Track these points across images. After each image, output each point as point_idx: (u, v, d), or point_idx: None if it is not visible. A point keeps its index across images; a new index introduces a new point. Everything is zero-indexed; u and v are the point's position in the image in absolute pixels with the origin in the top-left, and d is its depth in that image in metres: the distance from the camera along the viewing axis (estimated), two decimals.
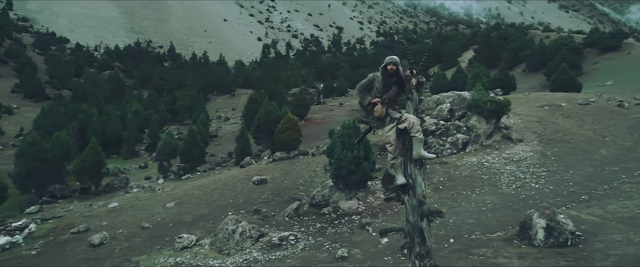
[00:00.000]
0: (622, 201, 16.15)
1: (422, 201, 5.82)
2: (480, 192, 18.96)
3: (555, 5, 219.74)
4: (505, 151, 23.30)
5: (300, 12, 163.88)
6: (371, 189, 20.52)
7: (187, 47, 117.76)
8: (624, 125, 26.72)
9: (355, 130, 17.94)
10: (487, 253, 12.67)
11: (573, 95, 37.60)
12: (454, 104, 24.81)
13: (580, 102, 32.33)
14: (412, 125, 5.74)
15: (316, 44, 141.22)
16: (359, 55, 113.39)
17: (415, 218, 5.72)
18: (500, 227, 15.11)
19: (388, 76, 6.01)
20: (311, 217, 18.85)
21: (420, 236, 5.64)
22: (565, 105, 32.05)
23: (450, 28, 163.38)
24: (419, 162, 5.95)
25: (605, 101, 33.02)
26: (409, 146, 5.91)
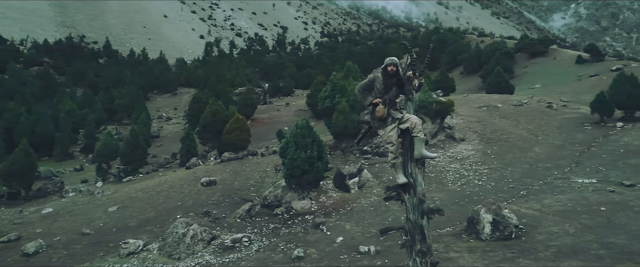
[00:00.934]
0: (556, 195, 17.39)
1: (422, 200, 5.91)
2: (428, 189, 19.60)
3: (488, 12, 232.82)
4: (449, 150, 24.32)
5: (244, 11, 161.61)
6: (323, 188, 20.62)
7: (124, 43, 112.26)
8: (553, 125, 28.79)
9: (308, 131, 17.96)
10: (439, 248, 13.14)
11: (508, 97, 39.99)
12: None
13: (515, 104, 34.46)
14: (414, 126, 5.81)
15: (260, 43, 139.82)
16: (304, 55, 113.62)
17: (416, 216, 5.80)
18: (449, 223, 15.74)
19: (389, 77, 6.05)
20: (264, 218, 18.63)
21: (420, 233, 5.72)
22: (502, 107, 34.01)
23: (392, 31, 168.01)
24: (421, 161, 6.02)
25: (536, 103, 35.41)
26: (409, 146, 5.98)
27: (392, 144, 5.95)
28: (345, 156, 25.66)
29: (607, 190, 17.08)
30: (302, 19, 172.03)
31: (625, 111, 28.21)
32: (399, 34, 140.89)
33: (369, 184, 20.41)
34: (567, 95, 42.92)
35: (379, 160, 24.07)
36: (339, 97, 25.27)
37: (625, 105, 27.76)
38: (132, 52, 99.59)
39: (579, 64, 56.05)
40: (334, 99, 25.62)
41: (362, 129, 19.05)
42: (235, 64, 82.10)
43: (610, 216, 14.08)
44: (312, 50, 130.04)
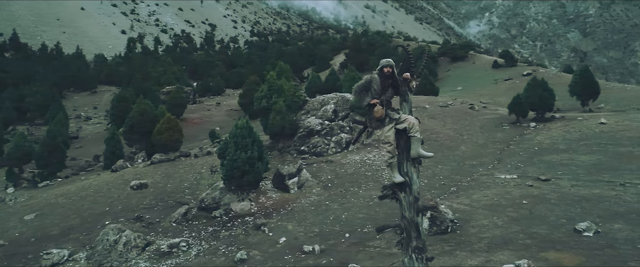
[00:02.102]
0: (483, 191, 18.60)
1: (417, 197, 6.00)
2: (366, 188, 20.15)
3: (412, 17, 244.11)
4: (383, 149, 25.10)
5: (170, 6, 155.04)
6: (262, 189, 20.39)
7: (35, 36, 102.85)
8: (476, 125, 30.79)
9: (248, 131, 17.64)
10: (382, 244, 13.55)
11: (434, 98, 42.13)
12: (337, 105, 25.94)
13: (441, 105, 36.39)
14: (412, 126, 5.91)
15: (187, 41, 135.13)
16: (234, 54, 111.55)
17: (412, 214, 5.88)
18: (388, 219, 16.18)
19: (385, 78, 6.11)
20: (201, 221, 18.04)
21: (416, 230, 5.81)
22: (429, 108, 35.75)
23: (321, 32, 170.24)
24: (418, 160, 6.12)
25: (459, 104, 37.66)
26: (404, 146, 6.04)
27: (390, 144, 6.03)
28: (282, 156, 25.56)
29: (526, 185, 18.57)
30: (231, 17, 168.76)
31: (537, 112, 30.88)
32: (329, 35, 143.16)
33: (309, 184, 20.51)
34: (485, 97, 46.13)
35: (317, 160, 24.29)
36: (276, 97, 25.13)
37: (537, 107, 30.39)
38: (44, 46, 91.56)
39: (495, 69, 60.50)
40: (270, 99, 25.43)
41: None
42: (161, 62, 78.58)
43: (531, 208, 15.34)
44: (241, 49, 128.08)
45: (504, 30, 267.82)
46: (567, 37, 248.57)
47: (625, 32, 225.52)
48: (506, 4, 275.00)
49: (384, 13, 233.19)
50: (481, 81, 56.96)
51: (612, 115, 31.23)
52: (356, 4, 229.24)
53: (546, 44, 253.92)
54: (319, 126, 25.02)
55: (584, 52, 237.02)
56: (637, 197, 15.22)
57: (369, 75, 6.32)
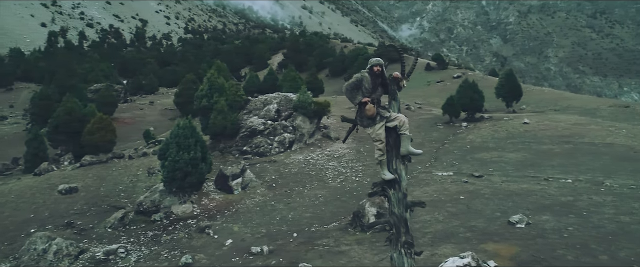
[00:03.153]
0: (422, 188, 19.37)
1: (406, 194, 6.02)
2: (311, 187, 20.25)
3: (348, 19, 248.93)
4: (326, 149, 25.39)
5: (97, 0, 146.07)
6: (204, 190, 19.81)
7: None
8: (413, 125, 31.96)
9: (191, 131, 17.05)
10: (330, 242, 13.67)
11: None
12: (280, 105, 25.82)
13: None
14: (402, 124, 5.92)
15: (116, 36, 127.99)
16: (167, 51, 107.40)
17: (401, 210, 5.89)
18: (334, 218, 16.45)
19: (375, 77, 6.08)
20: (140, 226, 17.17)
21: (405, 226, 5.83)
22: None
23: (258, 31, 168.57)
24: (407, 158, 6.15)
25: None
26: (394, 143, 6.05)
27: (381, 142, 6.04)
28: (224, 157, 25.00)
29: (462, 181, 19.60)
30: (164, 13, 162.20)
31: (468, 113, 32.73)
32: (266, 35, 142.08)
33: (253, 185, 20.24)
34: (419, 99, 48.12)
35: (260, 160, 24.03)
36: (217, 96, 24.50)
37: (468, 108, 32.22)
38: None
39: (428, 71, 63.25)
40: (211, 98, 24.75)
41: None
42: (88, 58, 73.82)
43: (468, 203, 16.21)
44: (175, 46, 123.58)
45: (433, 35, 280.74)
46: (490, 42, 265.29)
47: (539, 40, 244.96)
48: (436, 10, 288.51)
49: (320, 14, 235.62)
50: (415, 83, 59.25)
51: (533, 115, 33.84)
52: (293, 4, 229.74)
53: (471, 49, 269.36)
54: (262, 126, 24.76)
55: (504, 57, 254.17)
56: (559, 190, 16.59)
57: (359, 73, 6.34)
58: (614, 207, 13.99)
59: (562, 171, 19.49)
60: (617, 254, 10.42)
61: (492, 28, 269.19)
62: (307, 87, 46.42)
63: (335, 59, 72.13)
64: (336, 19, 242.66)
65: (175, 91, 49.17)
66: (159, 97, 60.47)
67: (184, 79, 46.34)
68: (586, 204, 14.64)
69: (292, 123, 25.21)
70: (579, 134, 25.82)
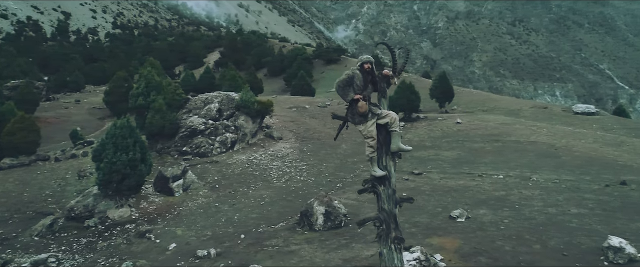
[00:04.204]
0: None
1: (394, 190, 5.97)
2: (256, 187, 19.98)
3: (285, 19, 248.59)
4: (269, 149, 25.17)
5: None
6: (143, 193, 18.88)
7: None
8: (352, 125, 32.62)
9: (130, 130, 16.15)
10: (279, 243, 13.56)
11: (312, 99, 43.52)
12: (222, 104, 25.22)
13: (320, 105, 37.78)
14: (393, 121, 5.87)
15: (35, 29, 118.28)
16: (93, 47, 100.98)
17: (391, 206, 5.83)
18: (281, 218, 16.33)
19: (365, 74, 6.01)
20: (72, 233, 16.01)
21: (394, 222, 5.78)
22: (309, 108, 36.86)
23: (193, 28, 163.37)
24: (397, 154, 6.10)
25: (337, 105, 39.47)
26: (383, 140, 5.98)
27: (373, 139, 6.00)
28: (162, 158, 23.98)
29: (403, 179, 20.26)
30: (89, 6, 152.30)
31: (406, 113, 33.93)
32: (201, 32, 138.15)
33: (195, 186, 19.60)
34: None
35: (201, 160, 23.32)
36: (154, 94, 23.41)
37: (406, 108, 33.39)
38: None
39: None
40: (148, 97, 23.61)
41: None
42: (3, 52, 67.64)
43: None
44: (102, 42, 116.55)
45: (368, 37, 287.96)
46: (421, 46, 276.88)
47: (465, 44, 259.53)
48: (370, 13, 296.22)
49: (257, 13, 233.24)
50: None
51: (465, 115, 35.79)
52: (229, 2, 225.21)
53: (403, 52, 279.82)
54: (203, 126, 24.04)
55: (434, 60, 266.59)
56: (493, 186, 17.69)
57: (350, 70, 6.31)
58: (542, 200, 15.16)
59: (493, 167, 20.80)
60: (548, 243, 11.28)
61: (422, 32, 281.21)
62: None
63: (274, 59, 71.80)
64: (273, 18, 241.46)
65: (105, 89, 46.38)
66: (86, 96, 56.70)
67: (114, 76, 43.80)
68: (517, 197, 15.72)
69: (234, 123, 24.71)
70: (506, 133, 27.67)
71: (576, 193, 15.74)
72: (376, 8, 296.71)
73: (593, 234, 11.59)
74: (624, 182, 16.40)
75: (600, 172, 18.44)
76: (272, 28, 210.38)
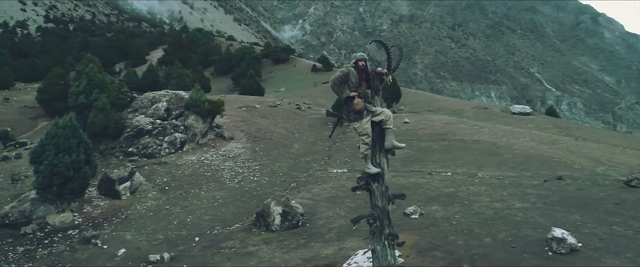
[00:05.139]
0: (320, 185, 19.90)
1: (387, 187, 5.89)
2: (208, 188, 19.48)
3: (231, 17, 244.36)
4: (221, 149, 24.64)
5: None
6: (86, 197, 17.84)
7: None
8: (305, 124, 32.71)
9: (73, 130, 15.17)
10: (236, 244, 13.30)
11: (262, 98, 43.12)
12: (171, 103, 24.36)
13: (270, 105, 37.51)
14: (388, 118, 5.79)
15: None
16: (23, 41, 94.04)
17: (384, 203, 5.73)
18: (236, 219, 16.05)
19: (360, 71, 5.89)
20: (7, 241, 14.83)
21: (387, 218, 5.69)
22: (259, 107, 36.49)
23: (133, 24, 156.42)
24: (391, 151, 6.01)
25: (287, 104, 39.42)
26: (377, 137, 5.88)
27: (368, 136, 5.91)
28: (105, 159, 22.78)
29: (356, 177, 20.54)
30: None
31: None
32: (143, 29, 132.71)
33: (143, 188, 18.80)
34: (307, 99, 49.30)
35: (149, 162, 22.39)
36: (97, 93, 22.17)
37: None
38: None
39: (314, 72, 65.11)
40: (90, 95, 22.32)
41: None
42: None
43: (365, 198, 16.97)
44: (33, 36, 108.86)
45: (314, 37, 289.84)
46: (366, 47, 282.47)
47: (409, 47, 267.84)
48: (317, 14, 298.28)
49: (202, 10, 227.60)
50: (302, 83, 60.62)
51: (412, 115, 36.94)
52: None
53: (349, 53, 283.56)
54: (150, 125, 23.10)
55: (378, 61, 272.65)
56: (442, 183, 18.37)
57: (344, 67, 6.22)
58: (488, 196, 15.94)
59: (441, 165, 21.60)
60: (497, 236, 11.87)
61: (368, 34, 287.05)
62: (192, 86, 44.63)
63: (222, 58, 70.44)
64: (219, 16, 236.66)
65: (38, 87, 43.38)
66: (16, 93, 52.70)
67: (49, 73, 41.03)
68: (466, 194, 16.43)
69: (184, 122, 23.94)
70: (452, 132, 28.85)
71: (519, 188, 16.70)
72: (323, 9, 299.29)
73: (537, 227, 12.33)
74: (560, 178, 17.62)
75: (538, 168, 19.69)
76: (218, 26, 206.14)
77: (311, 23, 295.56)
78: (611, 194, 15.15)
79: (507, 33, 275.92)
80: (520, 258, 10.34)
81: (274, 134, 28.73)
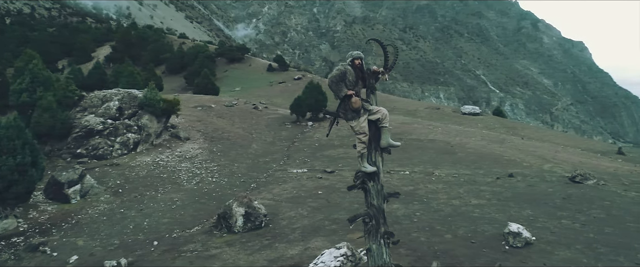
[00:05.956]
0: (281, 185, 19.78)
1: (383, 186, 5.77)
2: (165, 191, 18.85)
3: (183, 15, 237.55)
4: (176, 149, 23.91)
5: None
6: (32, 202, 16.76)
7: None
8: (262, 124, 32.41)
9: (18, 131, 14.17)
10: (198, 247, 12.95)
11: (217, 98, 42.29)
12: (123, 102, 23.35)
13: (226, 105, 36.86)
14: (384, 117, 5.68)
15: None
16: None
17: (379, 201, 5.60)
18: (196, 222, 15.64)
19: (357, 70, 5.74)
20: None
21: (383, 217, 5.57)
22: (215, 107, 35.78)
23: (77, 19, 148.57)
24: (387, 150, 5.88)
25: (243, 104, 38.91)
26: (373, 136, 5.75)
27: (365, 135, 5.79)
28: (51, 162, 21.48)
29: (316, 177, 20.62)
30: None
31: (313, 113, 34.56)
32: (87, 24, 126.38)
33: (95, 191, 17.90)
34: (263, 99, 48.87)
35: (99, 163, 21.35)
36: (41, 90, 20.85)
37: (314, 108, 34.02)
38: None
39: (270, 72, 64.63)
40: (35, 93, 20.96)
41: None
42: None
43: (327, 197, 17.16)
44: None
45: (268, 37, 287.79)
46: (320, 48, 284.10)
47: (362, 48, 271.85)
48: (271, 13, 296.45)
49: (152, 7, 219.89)
50: (258, 83, 60.03)
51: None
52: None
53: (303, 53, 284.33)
54: (101, 126, 22.04)
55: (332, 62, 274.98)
56: (401, 181, 18.79)
57: (341, 65, 6.09)
58: (446, 193, 16.47)
59: (399, 164, 22.08)
60: (457, 232, 12.29)
61: (322, 34, 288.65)
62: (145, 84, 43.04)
63: (174, 56, 68.36)
64: (170, 13, 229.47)
65: None
66: None
67: None
68: (424, 192, 16.89)
69: (138, 122, 23.02)
70: (407, 131, 29.58)
71: (474, 186, 17.37)
72: (277, 8, 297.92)
73: (493, 222, 12.88)
74: (511, 175, 18.51)
75: (491, 166, 20.57)
76: (169, 23, 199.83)
77: (265, 22, 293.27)
78: (558, 190, 16.08)
79: (455, 36, 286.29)
80: (480, 253, 10.75)
81: (231, 134, 28.26)
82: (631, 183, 17.27)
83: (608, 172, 20.17)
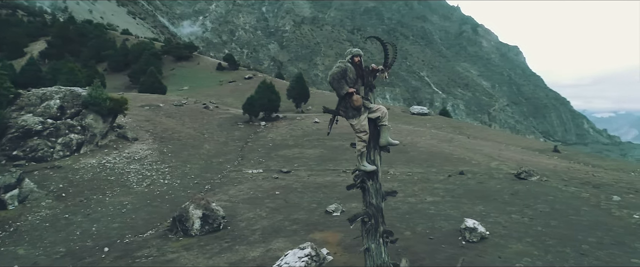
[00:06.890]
0: (237, 186, 19.41)
1: (381, 184, 5.56)
2: (113, 194, 17.93)
3: (124, 10, 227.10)
4: (124, 150, 22.82)
5: None
6: None
7: None
8: (214, 124, 31.67)
9: None
10: (153, 252, 12.41)
11: (166, 97, 40.86)
12: (65, 101, 21.94)
13: (175, 104, 35.71)
14: (384, 115, 5.46)
15: None
16: None
17: (378, 200, 5.40)
18: (149, 226, 15.00)
19: (356, 67, 5.47)
20: None
21: (382, 215, 5.37)
22: (164, 106, 34.55)
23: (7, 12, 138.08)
24: (386, 148, 5.67)
25: (193, 103, 37.86)
26: (372, 135, 5.52)
27: (366, 133, 5.59)
28: None
29: (272, 177, 20.43)
30: None
31: (266, 112, 34.23)
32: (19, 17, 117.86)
33: (35, 196, 16.70)
34: (213, 98, 47.85)
35: (39, 166, 19.93)
36: None
37: (267, 108, 33.70)
38: None
39: (219, 71, 63.31)
40: None
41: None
42: None
43: (285, 198, 17.03)
44: None
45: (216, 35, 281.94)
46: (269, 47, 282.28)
47: (310, 48, 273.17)
48: (219, 11, 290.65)
49: (91, 1, 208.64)
50: (207, 82, 58.64)
51: (321, 115, 37.64)
52: None
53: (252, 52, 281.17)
54: (40, 126, 20.58)
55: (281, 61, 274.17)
56: None
57: (341, 63, 5.88)
58: (402, 191, 16.82)
59: (354, 163, 22.27)
60: (415, 229, 12.59)
61: (270, 34, 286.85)
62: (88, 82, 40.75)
63: (117, 53, 65.29)
64: (110, 8, 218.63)
65: None
66: None
67: None
68: None
69: (81, 122, 21.72)
70: None
71: (427, 184, 17.90)
72: (225, 7, 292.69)
73: (449, 218, 13.32)
74: (462, 173, 19.26)
75: (442, 164, 21.30)
76: (109, 19, 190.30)
77: (212, 20, 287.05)
78: (506, 186, 16.91)
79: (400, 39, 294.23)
80: (439, 249, 11.07)
81: (182, 135, 27.38)
82: (570, 179, 18.50)
83: (549, 169, 21.49)
